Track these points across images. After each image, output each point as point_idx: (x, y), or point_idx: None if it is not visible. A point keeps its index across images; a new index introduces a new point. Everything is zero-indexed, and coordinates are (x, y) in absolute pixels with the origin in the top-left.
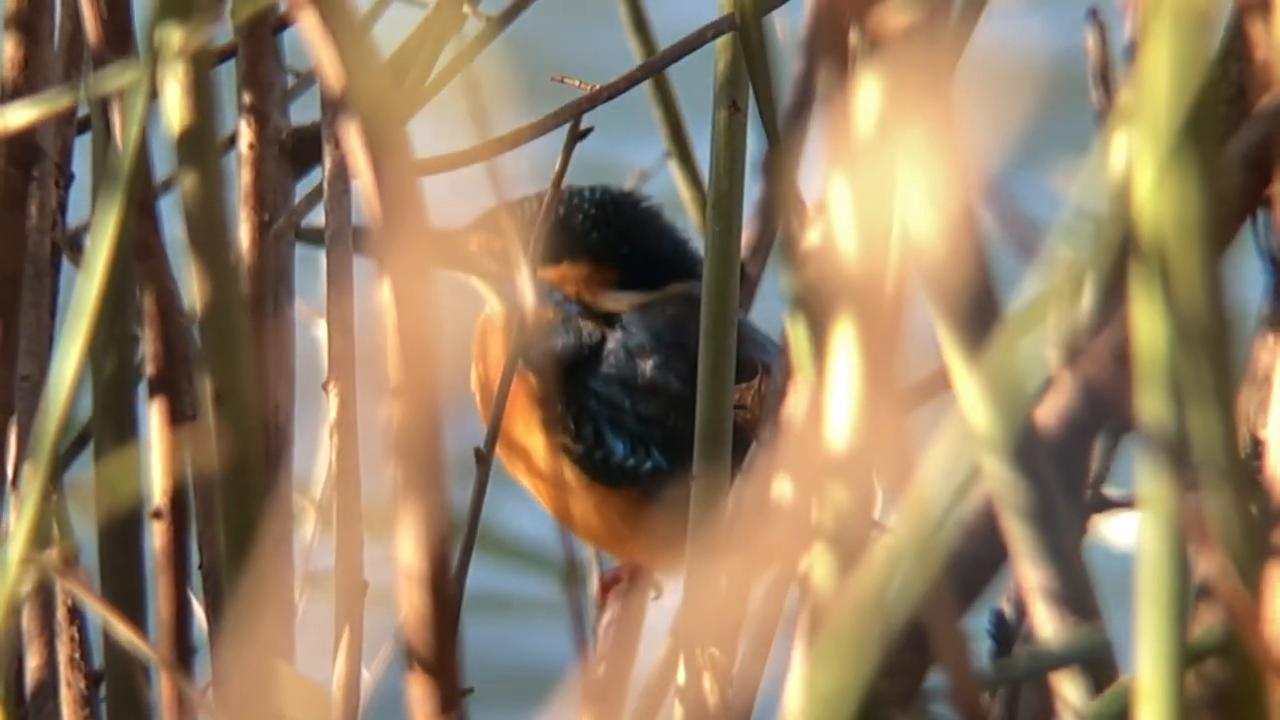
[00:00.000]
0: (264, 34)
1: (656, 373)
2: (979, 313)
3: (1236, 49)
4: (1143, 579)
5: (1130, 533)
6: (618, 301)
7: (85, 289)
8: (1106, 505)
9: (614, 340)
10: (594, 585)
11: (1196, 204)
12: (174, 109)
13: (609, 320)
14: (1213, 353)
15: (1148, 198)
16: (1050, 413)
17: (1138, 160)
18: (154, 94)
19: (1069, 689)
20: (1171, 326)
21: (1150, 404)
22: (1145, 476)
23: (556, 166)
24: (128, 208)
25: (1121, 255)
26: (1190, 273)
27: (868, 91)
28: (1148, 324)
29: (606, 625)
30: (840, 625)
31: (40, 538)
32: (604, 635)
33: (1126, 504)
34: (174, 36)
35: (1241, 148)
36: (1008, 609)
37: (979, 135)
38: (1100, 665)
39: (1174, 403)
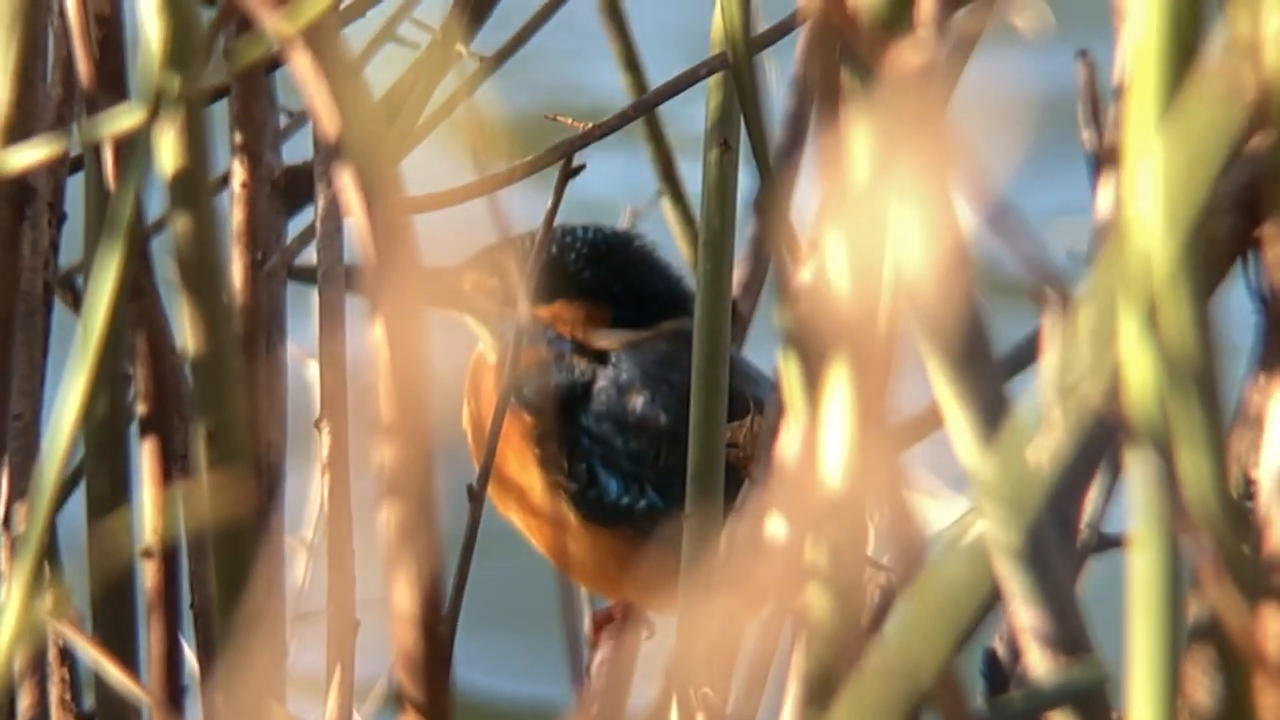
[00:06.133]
0: (257, 74)
1: (646, 409)
2: (971, 350)
3: None
4: (1135, 617)
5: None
6: (610, 339)
7: (87, 336)
8: (1105, 544)
9: (605, 378)
10: (586, 624)
11: (1187, 245)
12: (168, 149)
13: (601, 358)
14: (1203, 393)
15: (1138, 238)
16: (1043, 451)
17: (1128, 201)
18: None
19: None
20: (1162, 367)
21: (1140, 444)
22: (1137, 515)
23: (549, 204)
24: (129, 252)
25: (1113, 295)
26: (1181, 313)
27: (861, 129)
28: (1139, 364)
29: (599, 665)
30: (864, 687)
31: (33, 579)
32: (597, 675)
33: (1124, 542)
34: (174, 81)
35: (1231, 189)
36: (1000, 649)
37: (976, 165)
38: (1093, 703)
39: (1164, 442)
